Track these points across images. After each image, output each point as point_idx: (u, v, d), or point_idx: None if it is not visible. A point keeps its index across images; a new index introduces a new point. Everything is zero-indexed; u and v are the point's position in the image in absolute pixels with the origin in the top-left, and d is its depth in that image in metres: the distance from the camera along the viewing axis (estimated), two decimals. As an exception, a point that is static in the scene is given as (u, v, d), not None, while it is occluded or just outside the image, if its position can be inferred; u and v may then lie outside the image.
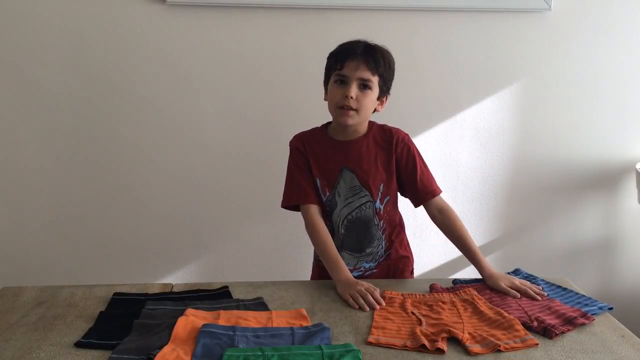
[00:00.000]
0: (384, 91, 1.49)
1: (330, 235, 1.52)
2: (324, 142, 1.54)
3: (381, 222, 1.54)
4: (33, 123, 2.13)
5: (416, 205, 1.56)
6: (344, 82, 1.44)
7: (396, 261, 1.59)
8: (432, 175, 1.55)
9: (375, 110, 1.52)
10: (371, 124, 1.55)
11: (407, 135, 1.55)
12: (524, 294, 1.35)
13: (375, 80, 1.45)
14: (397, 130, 1.55)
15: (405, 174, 1.53)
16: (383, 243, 1.56)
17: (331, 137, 1.54)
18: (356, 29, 2.06)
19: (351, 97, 1.42)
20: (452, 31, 2.15)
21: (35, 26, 2.05)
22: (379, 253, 1.56)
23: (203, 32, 2.09)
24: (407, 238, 1.64)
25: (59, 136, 2.14)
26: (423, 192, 1.52)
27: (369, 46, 1.46)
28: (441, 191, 1.54)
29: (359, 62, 1.43)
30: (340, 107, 1.44)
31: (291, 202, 1.55)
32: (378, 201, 1.52)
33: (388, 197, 1.53)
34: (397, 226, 1.59)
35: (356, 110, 1.44)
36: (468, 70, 2.19)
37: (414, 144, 1.54)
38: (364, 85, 1.44)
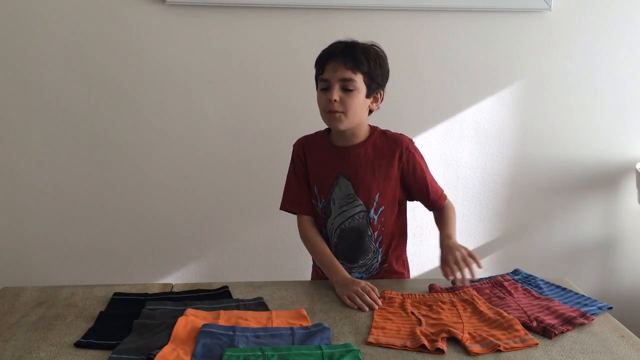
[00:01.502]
0: (373, 88, 1.43)
1: (324, 241, 1.52)
2: (323, 147, 1.52)
3: (375, 233, 1.51)
4: (33, 123, 2.13)
5: (429, 209, 1.58)
6: (327, 86, 1.41)
7: (389, 275, 1.55)
8: (434, 179, 1.55)
9: (371, 111, 1.48)
10: (373, 129, 1.51)
11: (411, 141, 1.51)
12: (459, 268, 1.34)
13: (358, 78, 1.39)
14: (401, 137, 1.50)
15: (412, 183, 1.50)
16: (379, 256, 1.53)
17: (331, 142, 1.52)
18: (356, 29, 2.06)
19: (335, 100, 1.38)
20: (452, 31, 2.15)
21: (34, 27, 2.05)
22: (374, 266, 1.54)
23: (203, 32, 2.09)
24: (406, 254, 1.61)
25: (59, 136, 2.14)
26: (434, 200, 1.53)
27: (348, 45, 1.41)
28: (444, 191, 1.56)
29: (337, 64, 1.39)
30: (328, 112, 1.41)
31: (286, 209, 1.58)
32: (372, 211, 1.48)
33: (383, 207, 1.49)
34: (394, 238, 1.55)
35: (343, 112, 1.40)
36: (468, 70, 2.18)
37: (418, 151, 1.51)
38: (346, 87, 1.39)
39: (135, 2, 2.04)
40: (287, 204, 1.57)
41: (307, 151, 1.54)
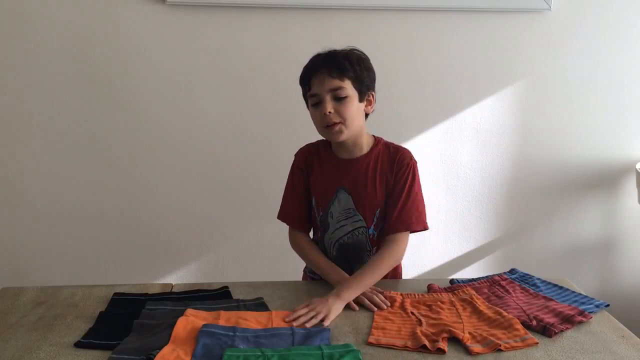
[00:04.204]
0: (364, 92, 1.40)
1: (316, 248, 1.50)
2: (326, 159, 1.48)
3: (374, 249, 1.48)
4: (33, 123, 2.13)
5: (385, 232, 1.44)
6: (319, 101, 1.38)
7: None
8: (421, 207, 1.44)
9: (367, 114, 1.45)
10: (377, 140, 1.48)
11: (412, 158, 1.46)
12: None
13: (347, 85, 1.36)
14: (403, 150, 1.46)
15: (391, 194, 1.43)
16: None
17: (334, 154, 1.48)
18: (356, 29, 2.07)
19: (330, 113, 1.35)
20: (452, 31, 2.15)
21: (35, 27, 2.05)
22: None
23: (203, 32, 2.09)
24: None
25: (59, 136, 2.14)
26: (394, 223, 1.41)
27: (329, 55, 1.39)
28: (420, 229, 1.43)
29: (322, 76, 1.36)
30: (325, 127, 1.38)
31: (281, 218, 1.54)
32: (372, 227, 1.45)
33: (383, 223, 1.46)
34: None
35: (341, 123, 1.37)
36: (468, 70, 2.19)
37: (414, 167, 1.45)
38: (338, 96, 1.36)
39: (135, 2, 2.04)
40: (283, 215, 1.54)
41: (309, 162, 1.50)
